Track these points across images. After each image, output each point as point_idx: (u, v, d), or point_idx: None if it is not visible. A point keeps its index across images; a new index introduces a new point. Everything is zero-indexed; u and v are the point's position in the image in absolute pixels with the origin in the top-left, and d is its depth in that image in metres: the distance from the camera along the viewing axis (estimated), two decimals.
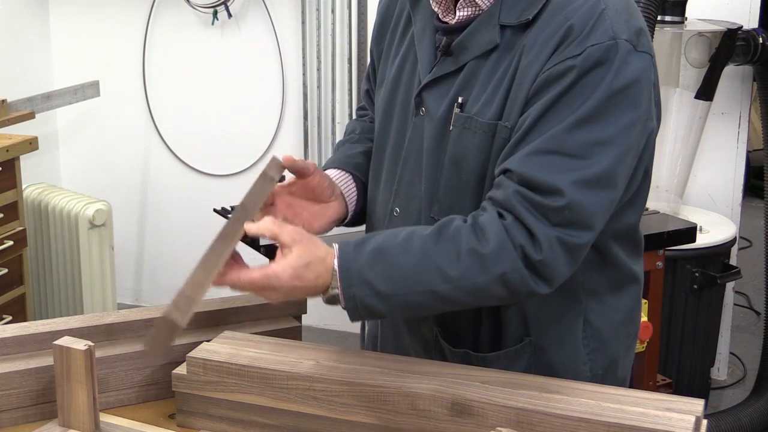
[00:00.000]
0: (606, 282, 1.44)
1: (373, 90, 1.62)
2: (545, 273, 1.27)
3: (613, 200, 1.30)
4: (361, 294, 1.26)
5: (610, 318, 1.45)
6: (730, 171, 3.46)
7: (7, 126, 3.15)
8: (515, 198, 1.26)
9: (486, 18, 1.35)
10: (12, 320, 3.09)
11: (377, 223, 1.51)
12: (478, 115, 1.34)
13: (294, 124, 3.79)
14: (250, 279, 1.24)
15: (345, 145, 1.63)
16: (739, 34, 3.14)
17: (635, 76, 1.26)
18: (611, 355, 1.46)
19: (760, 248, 3.56)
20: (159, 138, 3.99)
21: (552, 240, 1.25)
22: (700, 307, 3.18)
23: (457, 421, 1.24)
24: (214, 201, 3.23)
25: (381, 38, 1.56)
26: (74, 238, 3.43)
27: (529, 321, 1.41)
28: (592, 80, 1.25)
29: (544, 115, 1.26)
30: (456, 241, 1.27)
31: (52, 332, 1.43)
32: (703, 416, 1.22)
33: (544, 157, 1.25)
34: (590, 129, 1.25)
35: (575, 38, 1.26)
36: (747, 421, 3.17)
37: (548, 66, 1.27)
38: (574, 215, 1.25)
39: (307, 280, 1.25)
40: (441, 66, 1.39)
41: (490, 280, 1.26)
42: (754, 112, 4.08)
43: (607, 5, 1.28)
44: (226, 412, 1.35)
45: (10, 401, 1.37)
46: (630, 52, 1.26)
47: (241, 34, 3.78)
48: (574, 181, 1.24)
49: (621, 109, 1.26)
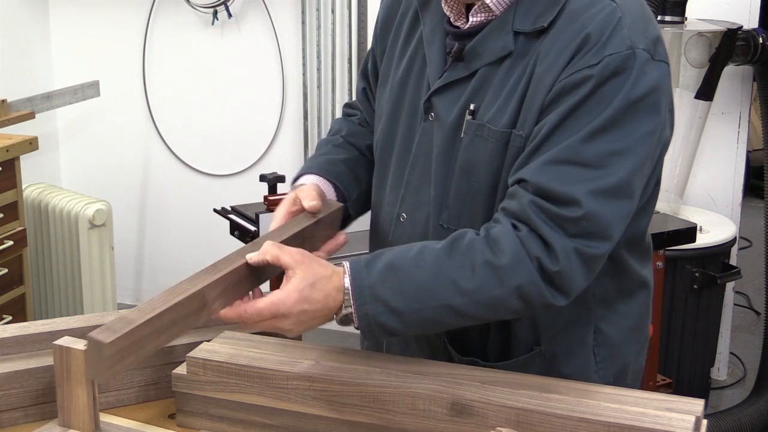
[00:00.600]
0: (616, 289, 1.42)
1: (371, 88, 1.59)
2: (562, 284, 1.25)
3: (630, 210, 1.29)
4: (375, 311, 1.24)
5: (621, 325, 1.44)
6: (730, 171, 3.46)
7: (7, 126, 3.15)
8: (530, 208, 1.24)
9: (499, 24, 1.33)
10: (12, 320, 3.09)
11: (383, 227, 1.49)
12: (491, 123, 1.31)
13: (294, 124, 3.79)
14: (256, 309, 1.22)
15: (327, 147, 1.59)
16: (739, 34, 3.13)
17: (652, 86, 1.25)
18: (621, 362, 1.45)
19: (760, 248, 3.56)
20: (159, 138, 3.99)
21: (569, 251, 1.23)
22: (700, 307, 3.18)
23: (457, 421, 1.24)
24: (214, 201, 3.24)
25: (385, 35, 1.53)
26: (74, 238, 3.43)
27: (539, 330, 1.39)
28: (609, 90, 1.23)
29: (560, 125, 1.24)
30: (470, 254, 1.24)
31: (52, 332, 1.43)
32: (703, 416, 1.22)
33: (560, 167, 1.24)
34: (607, 139, 1.23)
35: (592, 47, 1.24)
36: (747, 421, 3.17)
37: (564, 75, 1.25)
38: (591, 226, 1.23)
39: (316, 301, 1.23)
40: (452, 71, 1.37)
41: (507, 293, 1.23)
42: (754, 112, 4.08)
43: (623, 13, 1.26)
44: (226, 412, 1.35)
45: (10, 401, 1.37)
46: (647, 61, 1.25)
47: (241, 34, 3.78)
48: (590, 191, 1.23)
49: (638, 119, 1.24)
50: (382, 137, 1.50)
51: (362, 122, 1.63)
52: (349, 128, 1.62)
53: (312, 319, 1.24)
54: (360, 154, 1.59)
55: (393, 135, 1.47)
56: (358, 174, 1.55)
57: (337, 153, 1.56)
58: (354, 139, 1.60)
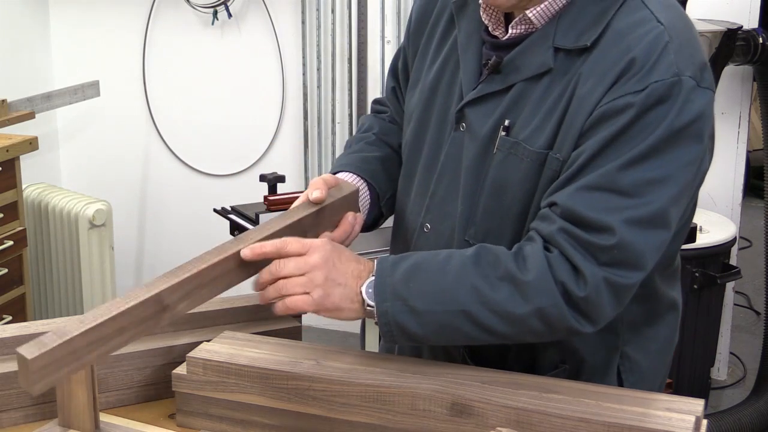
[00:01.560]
0: (645, 313, 1.38)
1: (401, 88, 1.55)
2: (588, 312, 1.22)
3: (665, 240, 1.24)
4: (394, 309, 1.23)
5: (648, 348, 1.40)
6: (730, 171, 3.46)
7: (7, 126, 3.15)
8: (560, 235, 1.21)
9: (540, 38, 1.28)
10: (12, 320, 3.09)
11: (406, 235, 1.46)
12: (527, 142, 1.27)
13: (294, 124, 3.79)
14: (284, 240, 1.23)
15: (360, 144, 1.55)
16: (739, 34, 3.13)
17: (697, 114, 1.20)
18: (650, 386, 1.40)
19: (760, 248, 3.56)
20: (159, 138, 3.99)
21: (599, 280, 1.20)
22: (700, 307, 3.18)
23: (457, 421, 1.24)
24: (214, 201, 3.24)
25: (418, 35, 1.47)
26: (74, 238, 3.43)
27: (564, 353, 1.36)
28: (652, 119, 1.18)
29: (599, 153, 1.20)
30: (496, 266, 1.22)
31: None
32: (703, 416, 1.22)
33: (595, 193, 1.20)
34: (646, 167, 1.19)
35: (637, 72, 1.19)
36: (747, 421, 3.17)
37: (607, 99, 1.20)
38: (623, 255, 1.20)
39: (347, 260, 1.24)
40: (488, 84, 1.32)
41: (527, 312, 1.21)
42: (754, 112, 4.08)
43: (671, 37, 1.21)
44: (226, 412, 1.35)
45: (10, 401, 1.37)
46: (693, 89, 1.20)
47: (241, 34, 3.78)
48: (625, 219, 1.19)
49: (680, 149, 1.20)
50: (411, 141, 1.46)
51: (392, 120, 1.59)
52: (381, 126, 1.58)
53: (343, 273, 1.23)
54: (393, 152, 1.55)
55: (421, 140, 1.43)
56: (391, 172, 1.52)
57: (371, 150, 1.53)
58: (386, 137, 1.56)
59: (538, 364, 1.37)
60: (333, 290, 1.23)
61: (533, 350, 1.36)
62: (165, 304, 1.19)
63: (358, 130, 1.61)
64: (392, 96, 1.59)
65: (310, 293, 1.22)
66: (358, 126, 1.62)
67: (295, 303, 1.22)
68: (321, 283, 1.22)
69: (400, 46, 1.57)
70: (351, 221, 1.39)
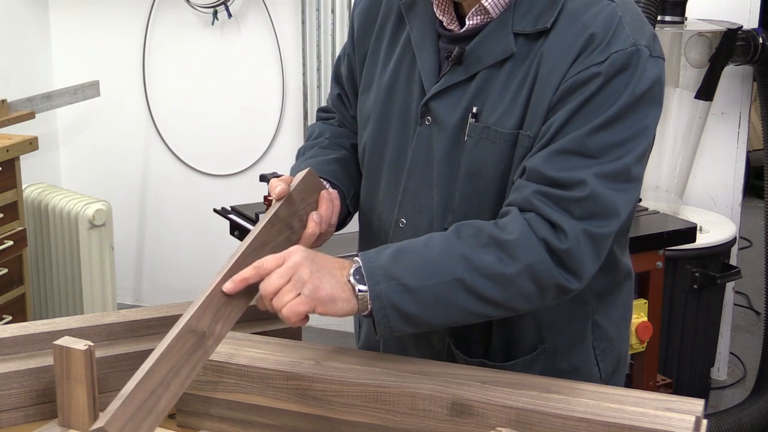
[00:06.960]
0: (609, 281, 1.44)
1: (347, 94, 1.57)
2: (572, 265, 1.26)
3: (634, 197, 1.32)
4: (388, 290, 1.24)
5: (613, 315, 1.47)
6: (730, 171, 3.46)
7: (7, 126, 3.15)
8: (535, 197, 1.26)
9: (498, 26, 1.33)
10: (12, 320, 3.09)
11: (380, 233, 1.48)
12: (497, 125, 1.32)
13: (294, 124, 3.79)
14: (264, 259, 1.24)
15: (314, 149, 1.56)
16: (739, 34, 3.14)
17: (654, 80, 1.29)
18: (617, 352, 1.48)
19: (760, 248, 3.56)
20: (159, 138, 3.99)
21: (578, 232, 1.25)
22: (700, 307, 3.18)
23: (457, 421, 1.24)
24: (214, 201, 3.23)
25: (365, 40, 1.50)
26: (74, 238, 3.43)
27: (542, 328, 1.40)
28: (616, 86, 1.27)
29: (569, 121, 1.27)
30: (478, 235, 1.27)
31: (52, 332, 1.43)
32: (703, 416, 1.22)
33: (565, 155, 1.27)
34: (612, 131, 1.27)
35: (598, 45, 1.27)
36: (747, 421, 3.17)
37: (571, 73, 1.28)
38: (597, 206, 1.26)
39: (324, 259, 1.25)
40: (450, 75, 1.36)
41: (518, 271, 1.24)
42: (754, 112, 4.08)
43: (624, 12, 1.30)
44: (226, 412, 1.35)
45: (10, 401, 1.37)
46: (648, 58, 1.29)
47: (241, 34, 3.78)
48: (595, 174, 1.26)
49: (641, 113, 1.28)
50: (371, 142, 1.48)
51: (341, 125, 1.61)
52: (332, 130, 1.60)
53: (326, 266, 1.25)
54: (348, 153, 1.57)
55: (383, 140, 1.46)
56: (351, 171, 1.54)
57: (327, 154, 1.55)
58: (339, 139, 1.58)
59: (519, 346, 1.41)
60: (322, 281, 1.24)
61: (513, 329, 1.40)
62: (200, 331, 1.19)
63: (308, 138, 1.62)
64: (338, 102, 1.61)
65: (301, 292, 1.23)
66: (307, 135, 1.64)
67: (292, 308, 1.22)
68: (308, 278, 1.23)
69: (341, 53, 1.59)
70: (327, 196, 1.41)
